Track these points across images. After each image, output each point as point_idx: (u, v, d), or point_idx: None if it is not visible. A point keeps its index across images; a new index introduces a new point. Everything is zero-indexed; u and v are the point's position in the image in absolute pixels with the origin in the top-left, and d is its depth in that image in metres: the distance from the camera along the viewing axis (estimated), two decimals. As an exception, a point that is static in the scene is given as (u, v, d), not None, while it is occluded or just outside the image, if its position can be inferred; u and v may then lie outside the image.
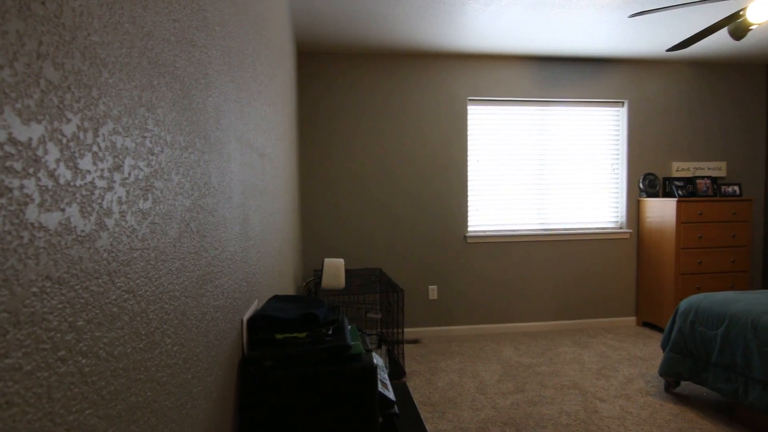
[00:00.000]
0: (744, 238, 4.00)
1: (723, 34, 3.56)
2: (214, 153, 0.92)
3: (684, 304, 2.75)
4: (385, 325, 3.38)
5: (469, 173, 4.08)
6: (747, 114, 4.45)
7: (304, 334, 1.15)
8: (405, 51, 3.85)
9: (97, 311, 0.47)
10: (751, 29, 2.36)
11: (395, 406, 1.20)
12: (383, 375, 1.27)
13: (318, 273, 3.43)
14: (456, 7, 2.97)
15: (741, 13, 2.29)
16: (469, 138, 4.07)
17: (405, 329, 4.01)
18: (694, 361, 2.63)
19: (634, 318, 4.35)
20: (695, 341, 2.60)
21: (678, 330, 2.72)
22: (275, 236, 1.91)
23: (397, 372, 3.06)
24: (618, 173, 4.33)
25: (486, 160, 4.11)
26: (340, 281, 2.86)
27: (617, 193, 4.34)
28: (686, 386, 2.91)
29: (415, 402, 2.71)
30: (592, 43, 3.73)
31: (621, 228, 4.32)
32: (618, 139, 4.32)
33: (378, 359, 1.34)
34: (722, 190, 4.25)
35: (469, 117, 4.07)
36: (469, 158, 4.07)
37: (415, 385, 2.97)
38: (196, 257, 0.79)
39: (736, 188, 4.25)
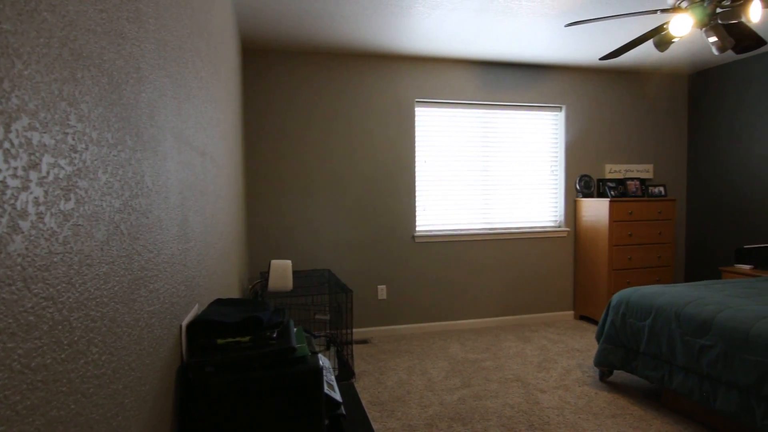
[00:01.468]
0: (668, 236, 4.31)
1: (650, 45, 3.82)
2: (148, 151, 0.88)
3: (616, 297, 2.93)
4: (334, 326, 3.36)
5: (416, 174, 4.14)
6: (671, 120, 4.80)
7: (247, 338, 1.12)
8: (354, 51, 3.85)
9: (10, 320, 0.43)
10: (673, 42, 2.55)
11: (342, 407, 1.20)
12: (330, 376, 1.27)
13: (265, 275, 3.35)
14: (403, 10, 3.00)
15: (664, 26, 2.47)
16: (416, 139, 4.13)
17: (354, 330, 4.01)
18: (625, 351, 2.80)
19: (572, 312, 4.58)
20: (626, 332, 2.78)
21: (611, 322, 2.89)
22: (218, 238, 1.85)
23: (346, 373, 3.05)
24: (557, 174, 4.55)
25: (433, 161, 4.19)
26: (288, 283, 2.81)
27: (556, 193, 4.56)
28: (618, 375, 3.10)
29: (365, 402, 2.72)
30: (533, 50, 3.89)
31: (560, 227, 4.54)
32: (556, 142, 4.53)
33: (325, 361, 1.33)
34: (650, 190, 4.56)
35: (416, 118, 4.12)
36: (417, 159, 4.13)
37: (364, 385, 2.98)
38: (127, 261, 0.75)
39: (662, 189, 4.57)
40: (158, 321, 0.93)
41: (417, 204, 4.15)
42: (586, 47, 3.83)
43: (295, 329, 1.30)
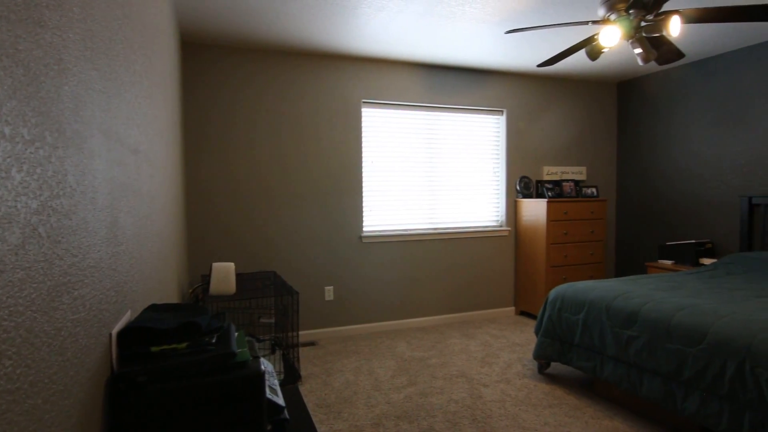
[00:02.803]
0: (600, 234, 4.59)
1: (583, 54, 4.05)
2: (72, 148, 0.82)
3: (552, 293, 3.08)
4: (279, 329, 3.30)
5: (364, 174, 4.15)
6: (602, 125, 5.11)
7: (184, 345, 1.07)
8: (300, 50, 3.79)
9: None
10: (603, 52, 2.71)
11: (285, 412, 1.18)
12: (273, 381, 1.24)
13: (206, 278, 3.23)
14: (349, 10, 2.99)
15: (595, 37, 2.63)
16: (363, 139, 4.13)
17: (301, 332, 3.95)
18: (561, 344, 2.95)
19: (513, 308, 4.76)
20: (562, 326, 2.92)
21: (548, 317, 3.03)
22: (154, 240, 1.76)
23: (292, 376, 3.01)
24: (498, 176, 4.71)
25: (380, 161, 4.21)
26: (231, 286, 2.73)
27: (498, 194, 4.72)
28: (555, 366, 3.25)
29: (311, 404, 2.69)
30: (476, 55, 4.00)
31: (501, 226, 4.70)
32: (498, 145, 4.70)
33: (267, 365, 1.30)
34: (583, 191, 4.83)
35: (363, 119, 4.13)
36: (363, 159, 4.14)
37: (311, 388, 2.94)
38: (46, 266, 0.69)
39: (594, 190, 4.86)
40: (84, 330, 0.87)
41: (364, 204, 4.16)
42: (526, 54, 4.00)
43: (236, 333, 1.26)
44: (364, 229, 4.17)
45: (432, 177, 4.40)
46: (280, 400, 1.19)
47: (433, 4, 2.92)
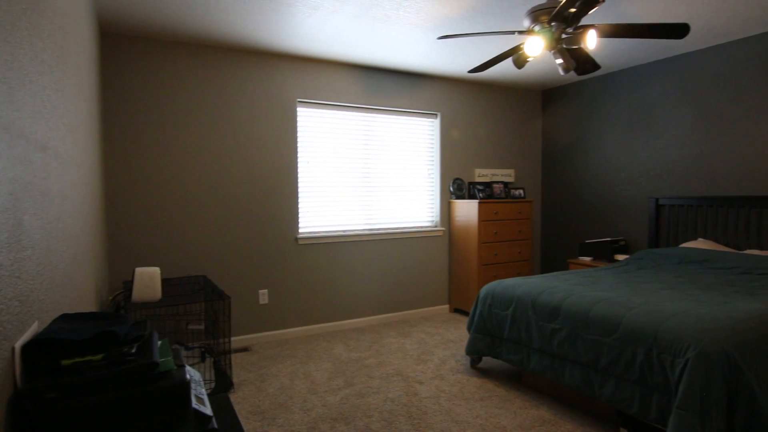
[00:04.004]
0: (527, 233, 4.84)
1: (512, 62, 4.25)
2: (-37, 144, 0.74)
3: (483, 290, 3.20)
4: (210, 335, 3.16)
5: (299, 175, 4.08)
6: (528, 130, 5.40)
7: (99, 356, 1.00)
8: (234, 46, 3.66)
9: None
10: (528, 60, 2.86)
11: (213, 421, 1.13)
12: (200, 390, 1.19)
13: (129, 284, 3.03)
14: (283, 7, 2.94)
15: (521, 47, 2.77)
16: (299, 139, 4.07)
17: (234, 338, 3.82)
18: (491, 339, 3.08)
19: (447, 306, 4.90)
20: (492, 322, 3.05)
21: (479, 313, 3.15)
22: (67, 245, 1.62)
23: (224, 384, 2.90)
24: (433, 177, 4.83)
25: (316, 162, 4.17)
26: (156, 292, 2.58)
27: (432, 195, 4.84)
28: (487, 361, 3.39)
29: (245, 412, 2.60)
30: (411, 59, 4.08)
31: (436, 226, 4.82)
32: (432, 147, 4.82)
33: (194, 373, 1.24)
34: (511, 193, 5.07)
35: (299, 119, 4.07)
36: (299, 160, 4.07)
37: (244, 395, 2.85)
38: (-69, 275, 0.62)
39: (521, 191, 5.12)
40: (-21, 345, 0.78)
41: (300, 205, 4.09)
42: (459, 60, 4.13)
43: (159, 342, 1.19)
44: (300, 230, 4.10)
45: (369, 178, 4.43)
46: (208, 410, 1.14)
47: (368, 7, 2.94)
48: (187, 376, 1.03)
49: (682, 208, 4.05)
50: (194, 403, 1.05)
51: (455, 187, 4.83)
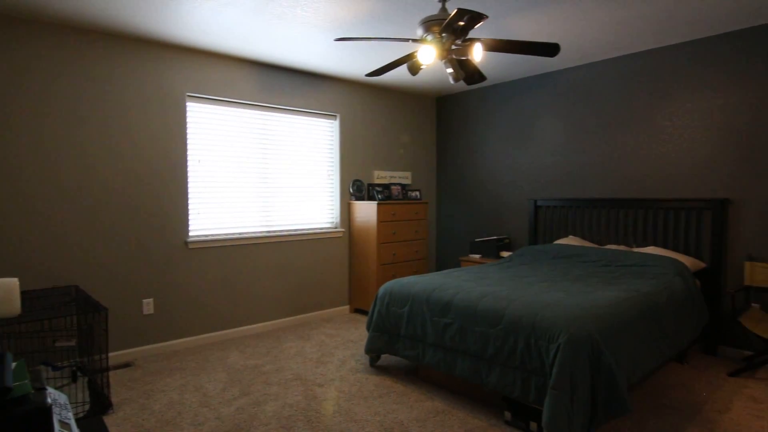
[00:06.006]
0: (423, 233, 5.05)
1: (407, 68, 4.40)
2: None
3: (382, 289, 3.27)
4: (83, 352, 2.83)
5: (189, 174, 3.83)
6: (424, 134, 5.64)
7: (-70, 386, 0.84)
8: (112, 31, 3.31)
9: None
10: (422, 68, 2.99)
11: (83, 447, 1.01)
12: (66, 414, 1.06)
13: (-22, 299, 2.60)
14: (169, -6, 2.73)
15: (415, 54, 2.88)
16: (189, 137, 3.82)
17: (113, 353, 3.46)
18: (389, 337, 3.16)
19: (348, 306, 4.93)
20: (390, 319, 3.13)
21: (378, 312, 3.22)
22: None
23: (101, 405, 2.61)
24: (333, 178, 4.83)
25: (209, 161, 3.94)
26: (13, 306, 2.26)
27: (333, 196, 4.84)
28: (385, 358, 3.47)
29: (125, 434, 2.37)
30: (310, 59, 4.03)
31: (336, 228, 4.83)
32: (332, 148, 4.82)
33: (59, 396, 1.10)
34: (409, 194, 5.26)
35: (189, 114, 3.81)
36: (189, 158, 3.82)
37: (125, 415, 2.60)
38: None
39: (418, 193, 5.33)
40: None
41: (190, 207, 3.84)
42: (358, 63, 4.18)
43: (14, 364, 1.04)
44: (191, 233, 3.85)
45: (267, 178, 4.29)
46: (77, 435, 1.02)
47: (264, 2, 2.85)
48: (48, 400, 0.91)
49: (556, 208, 4.52)
50: (57, 430, 0.93)
51: (355, 188, 4.88)
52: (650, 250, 3.67)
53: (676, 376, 3.12)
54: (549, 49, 2.67)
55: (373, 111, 5.09)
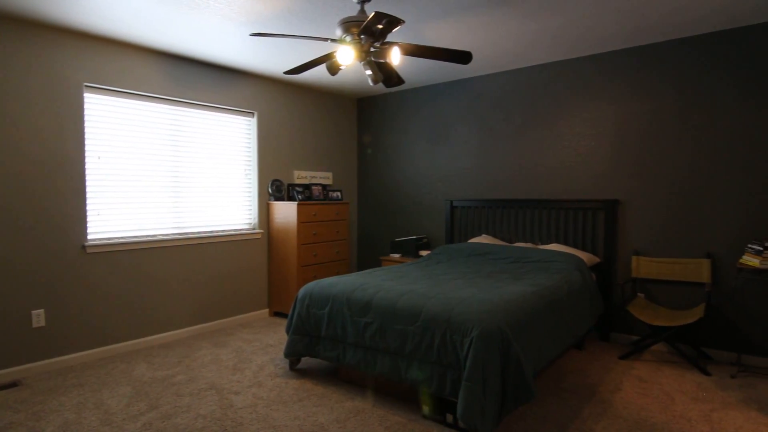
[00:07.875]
0: (344, 233, 5.05)
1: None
2: None
3: (301, 291, 3.22)
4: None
5: (87, 172, 3.50)
6: (345, 134, 5.64)
7: None
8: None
9: None
10: (341, 69, 2.98)
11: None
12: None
13: None
14: (61, -27, 2.48)
15: (334, 54, 2.87)
16: (87, 131, 3.49)
17: (-5, 372, 3.07)
18: (309, 339, 3.11)
19: (267, 310, 4.79)
20: (310, 321, 3.09)
21: (297, 314, 3.16)
22: None
23: (-22, 432, 2.30)
24: (250, 178, 4.67)
25: (112, 157, 3.63)
26: None
27: (250, 196, 4.68)
28: (306, 361, 3.42)
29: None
30: (226, 53, 3.86)
31: (254, 229, 4.68)
32: (250, 147, 4.66)
33: None
34: (330, 195, 5.23)
35: (86, 106, 3.48)
36: (87, 154, 3.49)
37: (8, 441, 2.31)
38: None
39: (339, 194, 5.31)
40: None
41: (89, 207, 3.51)
42: (276, 60, 4.07)
43: None
44: (90, 236, 3.52)
45: (178, 177, 4.05)
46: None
47: (172, -10, 2.68)
48: None
49: (470, 209, 4.74)
50: None
51: (274, 188, 4.76)
52: (553, 246, 3.98)
53: (575, 362, 3.41)
54: (462, 57, 2.79)
55: (292, 109, 4.99)
